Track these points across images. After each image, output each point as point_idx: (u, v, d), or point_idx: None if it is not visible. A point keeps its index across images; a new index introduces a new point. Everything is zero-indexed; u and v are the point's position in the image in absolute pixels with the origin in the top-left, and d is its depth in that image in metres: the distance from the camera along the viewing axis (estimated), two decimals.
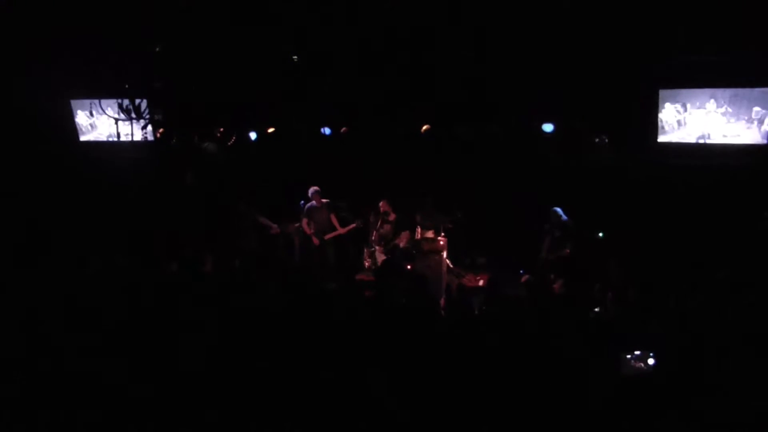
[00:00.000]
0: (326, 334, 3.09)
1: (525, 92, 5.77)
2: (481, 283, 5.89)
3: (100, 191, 6.96)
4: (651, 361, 2.59)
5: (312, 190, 6.41)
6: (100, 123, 7.25)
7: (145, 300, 3.52)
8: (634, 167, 5.69)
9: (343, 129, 6.65)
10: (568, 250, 5.54)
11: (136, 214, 6.80)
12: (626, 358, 2.60)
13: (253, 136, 7.03)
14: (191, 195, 7.07)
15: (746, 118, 5.08)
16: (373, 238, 6.66)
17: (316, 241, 6.44)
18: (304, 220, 6.50)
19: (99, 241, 5.84)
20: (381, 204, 6.58)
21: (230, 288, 3.92)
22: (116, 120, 5.74)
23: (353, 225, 6.42)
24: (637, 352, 2.61)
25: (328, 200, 6.55)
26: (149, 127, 6.41)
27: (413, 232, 6.38)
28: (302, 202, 6.62)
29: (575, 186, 6.04)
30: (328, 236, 6.46)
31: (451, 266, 6.24)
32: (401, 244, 6.28)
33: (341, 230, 6.44)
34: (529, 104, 5.89)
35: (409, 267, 5.71)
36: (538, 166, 6.36)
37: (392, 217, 6.52)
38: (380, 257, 6.40)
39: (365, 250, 6.80)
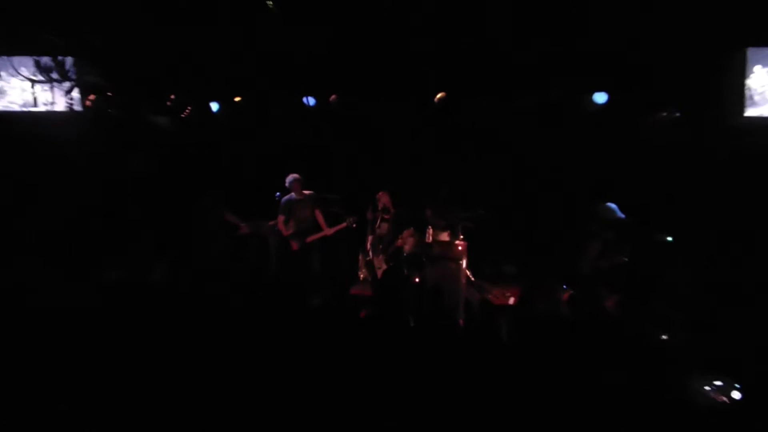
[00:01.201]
0: (309, 366, 3.13)
1: (567, 54, 5.79)
2: (511, 300, 5.94)
3: (13, 177, 6.90)
4: (736, 395, 2.62)
5: (290, 178, 6.39)
6: (10, 87, 6.99)
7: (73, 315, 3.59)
8: (713, 149, 5.74)
9: (333, 97, 6.67)
10: (625, 258, 5.52)
11: (61, 209, 6.77)
12: (704, 390, 2.65)
13: (215, 106, 7.06)
14: (136, 184, 7.06)
15: None
16: (369, 241, 6.64)
17: (295, 245, 6.42)
18: (281, 218, 6.46)
19: (12, 243, 5.82)
20: (379, 195, 6.56)
21: (184, 303, 3.98)
22: (33, 83, 5.59)
23: (344, 224, 6.41)
24: (718, 383, 2.66)
25: (311, 192, 6.53)
26: (76, 93, 6.31)
27: (423, 233, 6.37)
28: (278, 194, 6.58)
29: (634, 174, 6.07)
30: (311, 238, 6.44)
31: (472, 278, 6.33)
32: (407, 249, 6.25)
33: (327, 231, 6.40)
34: (573, 69, 5.92)
35: (417, 279, 5.85)
36: (585, 149, 6.42)
37: (392, 213, 6.54)
38: (380, 266, 6.39)
39: (360, 258, 6.77)
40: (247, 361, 3.21)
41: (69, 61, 5.35)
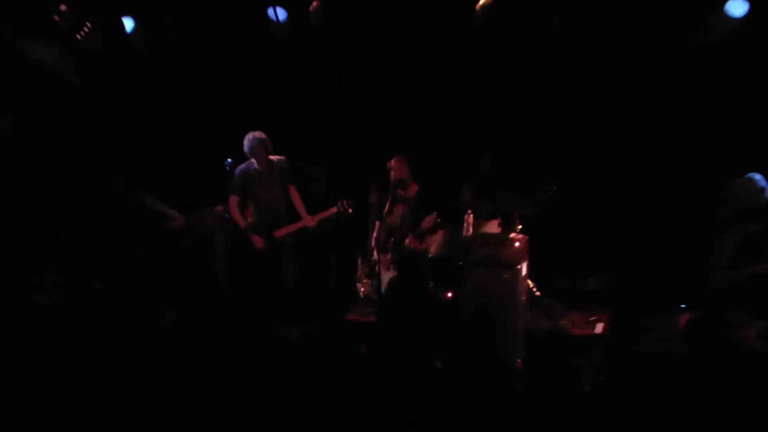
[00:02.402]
0: None
1: None
2: (597, 328, 6.05)
3: None
4: None
5: (252, 138, 6.36)
6: None
7: None
8: None
9: (314, 3, 6.76)
10: None
11: None
12: None
13: (129, 24, 7.05)
14: (4, 155, 7.03)
15: None
16: (374, 234, 6.63)
17: (258, 241, 6.40)
18: (234, 199, 6.47)
19: None
20: (391, 164, 6.54)
21: (84, 337, 4.04)
22: None
23: (333, 209, 6.41)
24: None
25: (283, 159, 6.52)
26: None
27: (458, 223, 6.28)
28: (229, 161, 6.59)
29: None
30: (281, 232, 6.43)
31: (537, 293, 6.35)
32: (432, 248, 6.25)
33: (308, 220, 6.42)
34: None
35: (448, 295, 5.87)
36: (707, 97, 6.45)
37: (412, 191, 6.50)
38: (388, 275, 6.38)
39: (360, 263, 6.74)
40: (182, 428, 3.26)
41: None
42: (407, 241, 6.35)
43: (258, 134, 6.36)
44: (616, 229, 6.96)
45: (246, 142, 6.36)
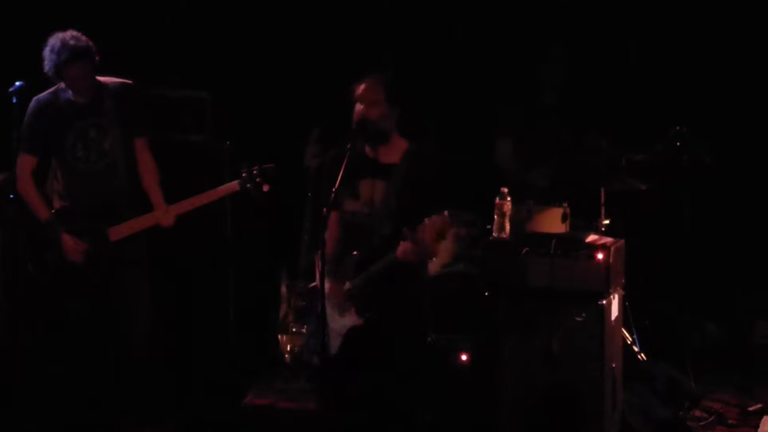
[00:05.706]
0: None
1: None
2: (765, 426, 6.16)
3: None
4: None
5: (60, 44, 5.90)
6: None
7: None
8: None
9: None
10: None
11: None
12: None
13: None
14: None
15: None
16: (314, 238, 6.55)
17: (74, 247, 6.04)
18: (25, 160, 6.17)
19: None
20: (358, 91, 5.88)
21: None
22: None
23: (234, 184, 6.27)
24: None
25: (124, 82, 6.29)
26: None
27: (483, 213, 5.92)
28: (17, 85, 6.16)
29: None
30: (121, 230, 6.11)
31: (641, 355, 6.65)
32: (433, 266, 6.02)
33: (180, 206, 6.17)
34: None
35: (464, 357, 6.20)
36: None
37: (397, 148, 5.93)
38: (344, 320, 5.83)
39: (283, 292, 6.90)
40: None
41: None
42: (407, 249, 5.44)
43: (71, 36, 5.84)
44: None
45: (47, 53, 5.84)
